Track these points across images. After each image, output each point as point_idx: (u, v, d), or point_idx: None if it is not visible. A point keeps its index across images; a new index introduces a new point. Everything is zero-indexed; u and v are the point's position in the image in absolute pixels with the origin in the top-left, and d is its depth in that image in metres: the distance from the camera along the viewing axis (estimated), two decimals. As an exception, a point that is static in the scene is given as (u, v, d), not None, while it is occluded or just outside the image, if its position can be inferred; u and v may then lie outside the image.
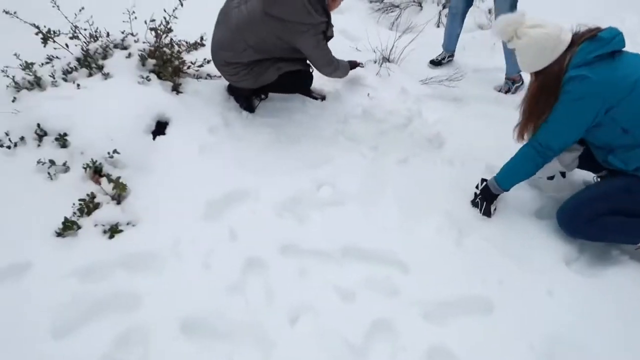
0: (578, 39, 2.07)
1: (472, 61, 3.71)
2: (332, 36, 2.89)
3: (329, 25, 2.77)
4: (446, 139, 2.89)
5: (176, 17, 3.06)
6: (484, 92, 3.42)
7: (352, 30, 4.04)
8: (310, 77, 3.10)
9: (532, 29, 2.05)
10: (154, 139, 2.69)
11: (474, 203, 2.48)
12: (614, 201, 2.20)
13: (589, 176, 2.57)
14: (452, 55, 3.77)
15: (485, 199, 2.44)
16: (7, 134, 2.55)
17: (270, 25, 2.62)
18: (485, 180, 2.48)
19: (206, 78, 3.29)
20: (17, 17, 2.90)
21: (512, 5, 3.20)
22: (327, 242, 2.27)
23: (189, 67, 3.27)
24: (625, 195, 2.18)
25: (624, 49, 2.06)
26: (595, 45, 2.02)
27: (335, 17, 4.14)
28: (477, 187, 2.52)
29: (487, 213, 2.43)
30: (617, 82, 2.00)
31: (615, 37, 2.02)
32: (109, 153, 2.44)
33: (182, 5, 3.03)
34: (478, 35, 4.08)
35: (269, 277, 2.12)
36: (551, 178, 2.51)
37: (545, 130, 2.17)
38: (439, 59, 3.73)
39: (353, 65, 3.25)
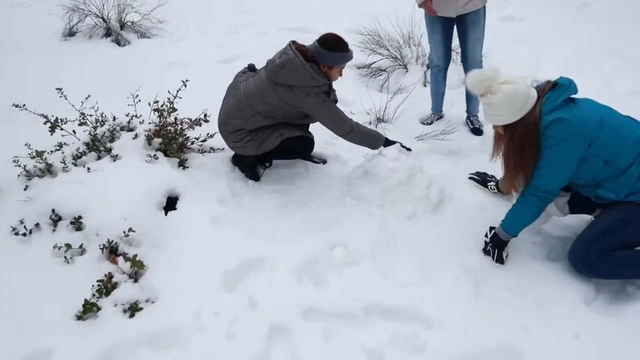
0: (541, 91, 2.28)
1: (463, 115, 3.87)
2: (336, 100, 3.02)
3: (330, 88, 2.93)
4: (450, 191, 2.97)
5: (180, 97, 3.20)
6: (478, 144, 3.56)
7: (344, 96, 4.19)
8: (311, 142, 3.22)
9: (504, 85, 2.22)
10: (166, 214, 2.74)
11: (486, 251, 2.53)
12: (618, 234, 2.28)
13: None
14: (440, 117, 3.95)
15: (496, 246, 2.49)
16: (21, 222, 2.59)
17: (278, 92, 2.80)
18: (493, 228, 2.54)
19: (209, 151, 3.39)
20: (27, 109, 3.02)
21: (482, 47, 3.54)
22: (348, 302, 2.28)
23: (192, 143, 3.38)
24: (625, 227, 2.28)
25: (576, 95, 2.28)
26: (559, 92, 2.24)
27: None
28: (486, 235, 2.57)
29: (500, 260, 2.47)
30: (589, 119, 2.19)
31: (571, 83, 2.26)
32: (124, 232, 2.48)
33: (185, 86, 3.18)
34: (464, 90, 4.28)
35: (294, 343, 2.10)
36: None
37: (541, 177, 2.30)
38: (429, 122, 3.90)
39: (392, 141, 3.10)
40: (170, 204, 2.84)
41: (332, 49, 2.77)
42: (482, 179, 3.08)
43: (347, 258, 2.56)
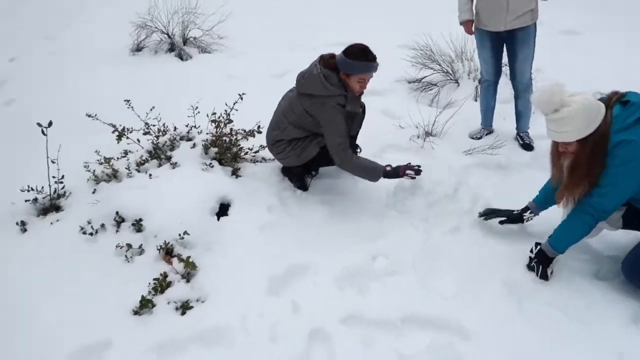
0: (608, 101, 2.20)
1: (513, 130, 3.82)
2: (356, 112, 3.05)
3: (347, 100, 2.94)
4: (495, 206, 2.95)
5: (236, 110, 3.39)
6: (528, 159, 3.51)
7: (394, 110, 4.28)
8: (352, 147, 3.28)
9: (575, 97, 2.14)
10: (218, 220, 2.91)
11: (530, 267, 2.51)
12: None
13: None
14: (490, 132, 3.92)
15: (541, 262, 2.46)
16: (89, 222, 2.82)
17: (302, 101, 2.95)
18: (539, 243, 2.52)
19: (261, 162, 3.55)
20: (98, 119, 3.30)
21: (531, 65, 3.51)
22: (387, 311, 2.34)
23: (246, 153, 3.55)
24: None
25: None
26: (630, 110, 2.16)
27: (377, 98, 4.47)
28: (531, 251, 2.55)
29: (545, 276, 2.44)
30: None
31: None
32: (179, 235, 2.66)
33: (242, 99, 3.36)
34: (514, 107, 4.23)
35: (334, 347, 2.18)
36: None
37: (599, 195, 2.25)
38: (478, 136, 3.87)
39: (394, 172, 2.94)
40: (223, 210, 3.01)
41: (352, 57, 2.83)
42: (508, 216, 2.81)
43: (389, 268, 2.62)
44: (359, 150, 3.47)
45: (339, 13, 7.35)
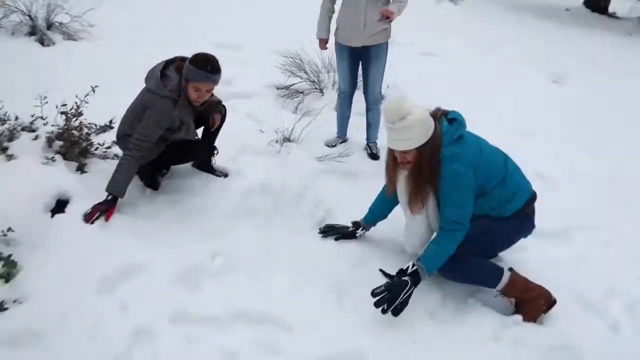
0: (434, 116, 2.47)
1: (364, 139, 4.12)
2: (187, 123, 3.05)
3: (177, 106, 2.95)
4: (334, 210, 3.18)
5: (87, 102, 3.25)
6: (373, 167, 3.81)
7: (258, 114, 4.39)
8: (200, 146, 3.35)
9: (414, 107, 2.37)
10: (52, 217, 2.78)
11: (379, 292, 2.36)
12: (473, 243, 2.50)
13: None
14: (344, 141, 4.21)
15: (414, 286, 2.39)
16: None
17: (143, 95, 3.01)
18: (415, 266, 2.42)
19: (113, 158, 3.44)
20: None
21: (382, 80, 3.87)
22: (217, 308, 2.41)
23: (96, 149, 3.43)
24: (482, 236, 2.54)
25: None
26: (456, 127, 2.47)
27: (245, 101, 4.56)
28: (404, 271, 2.43)
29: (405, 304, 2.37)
30: (474, 151, 2.47)
31: (463, 119, 2.51)
32: (2, 231, 2.50)
33: (94, 92, 3.23)
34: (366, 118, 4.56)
35: (157, 345, 2.21)
36: None
37: (453, 210, 2.45)
38: (333, 144, 4.14)
39: (104, 202, 2.88)
40: (60, 207, 2.87)
41: (193, 64, 2.87)
42: (342, 233, 2.98)
43: (226, 267, 2.70)
44: (216, 152, 3.50)
45: (221, 13, 7.32)
